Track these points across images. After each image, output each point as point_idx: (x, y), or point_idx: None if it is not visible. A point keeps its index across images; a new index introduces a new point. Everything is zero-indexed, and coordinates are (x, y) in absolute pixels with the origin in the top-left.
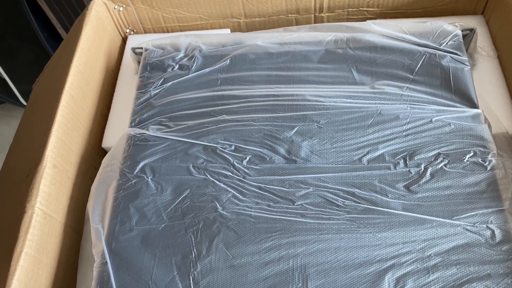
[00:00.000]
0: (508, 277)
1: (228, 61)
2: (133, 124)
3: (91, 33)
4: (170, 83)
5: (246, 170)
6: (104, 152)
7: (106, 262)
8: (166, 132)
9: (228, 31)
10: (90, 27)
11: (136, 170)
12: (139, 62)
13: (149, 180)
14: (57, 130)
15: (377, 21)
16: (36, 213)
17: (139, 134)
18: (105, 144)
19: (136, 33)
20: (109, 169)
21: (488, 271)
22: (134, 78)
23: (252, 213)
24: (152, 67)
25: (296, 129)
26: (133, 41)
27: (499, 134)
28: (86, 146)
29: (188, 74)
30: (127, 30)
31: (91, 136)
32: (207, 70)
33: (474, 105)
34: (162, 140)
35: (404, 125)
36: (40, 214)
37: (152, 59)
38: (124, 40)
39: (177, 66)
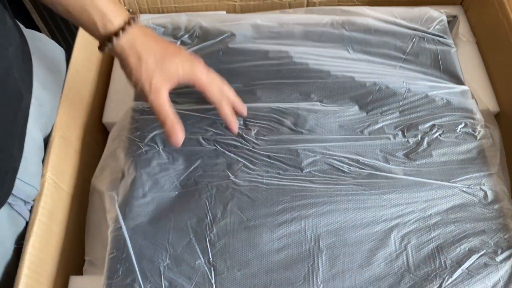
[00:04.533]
0: (500, 231)
1: (229, 34)
2: (139, 97)
3: None
4: None
5: (254, 141)
6: (104, 127)
7: (120, 227)
8: (175, 106)
9: (223, 13)
10: None
11: (147, 140)
12: None
13: (160, 149)
14: (64, 102)
15: (370, 6)
16: (48, 182)
17: (147, 107)
18: (106, 119)
19: (133, 13)
20: (118, 140)
21: (483, 227)
22: None
23: (264, 180)
24: None
25: (301, 106)
26: None
27: (482, 111)
28: (88, 120)
29: (191, 49)
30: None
31: (92, 111)
32: (209, 42)
33: (461, 83)
34: None
35: (401, 100)
36: (51, 183)
37: None
38: None
39: (179, 42)
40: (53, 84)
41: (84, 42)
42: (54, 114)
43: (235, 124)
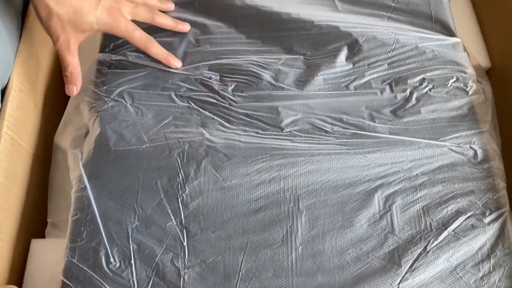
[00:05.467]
0: (489, 192)
1: None
2: (107, 49)
3: None
4: None
5: (232, 97)
6: None
7: (85, 187)
8: (146, 60)
9: None
10: None
11: (113, 95)
12: None
13: (128, 104)
14: (23, 52)
15: None
16: (3, 138)
17: (115, 60)
18: None
19: None
20: (83, 94)
21: (471, 188)
22: None
23: (241, 138)
24: None
25: (283, 60)
26: None
27: (473, 66)
28: (53, 74)
29: None
30: None
31: (57, 64)
32: None
33: (453, 35)
34: (142, 68)
35: (389, 52)
36: (8, 140)
37: None
38: None
39: None
40: (8, 27)
41: None
42: (10, 63)
43: (171, 60)
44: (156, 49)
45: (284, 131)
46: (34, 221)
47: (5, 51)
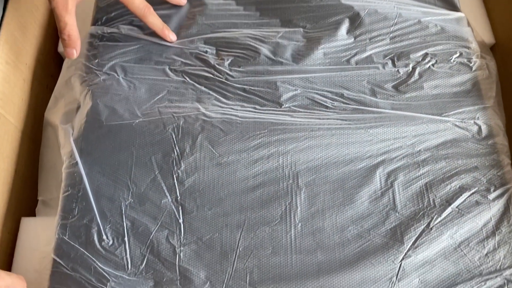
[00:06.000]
0: (494, 168)
1: None
2: (99, 22)
3: None
4: None
5: (228, 72)
6: (60, 57)
7: (76, 163)
8: (139, 32)
9: None
10: None
11: (105, 68)
12: None
13: (120, 78)
14: (9, 24)
15: None
16: None
17: (108, 33)
18: (62, 48)
19: None
20: (74, 67)
21: (475, 164)
22: None
23: (238, 113)
24: None
25: (281, 33)
26: None
27: (477, 42)
28: (41, 48)
29: None
30: None
31: (46, 37)
32: None
33: (457, 9)
34: (135, 41)
35: (392, 26)
36: None
37: None
38: None
39: None
40: None
41: None
42: None
43: (166, 32)
44: (154, 19)
45: (283, 106)
46: (24, 199)
47: None
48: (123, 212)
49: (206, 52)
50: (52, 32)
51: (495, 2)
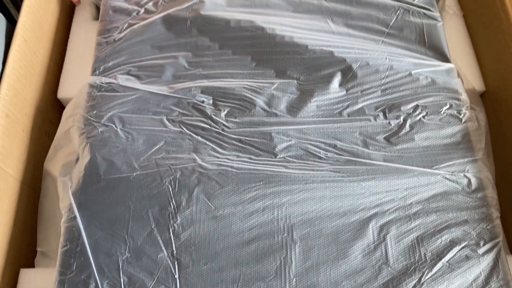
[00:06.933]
0: (483, 222)
1: (198, 1)
2: (97, 72)
3: None
4: (136, 26)
5: (224, 123)
6: (59, 103)
7: (74, 217)
8: (136, 83)
9: None
10: None
11: (104, 120)
12: (95, 6)
13: (118, 129)
14: (9, 77)
15: None
16: None
17: (106, 83)
18: (61, 94)
19: None
20: (72, 119)
21: (465, 217)
22: (91, 23)
23: (234, 164)
24: (115, 11)
25: (276, 84)
26: None
27: (467, 90)
28: (41, 96)
29: (155, 17)
30: None
31: (45, 85)
32: (175, 9)
33: (447, 60)
34: (133, 91)
35: (383, 78)
36: None
37: (115, 2)
38: None
39: (142, 10)
40: None
41: (33, 7)
42: None
43: None
44: None
45: (277, 156)
46: (23, 250)
47: None
48: (120, 267)
49: (203, 102)
50: (51, 78)
51: (485, 50)
